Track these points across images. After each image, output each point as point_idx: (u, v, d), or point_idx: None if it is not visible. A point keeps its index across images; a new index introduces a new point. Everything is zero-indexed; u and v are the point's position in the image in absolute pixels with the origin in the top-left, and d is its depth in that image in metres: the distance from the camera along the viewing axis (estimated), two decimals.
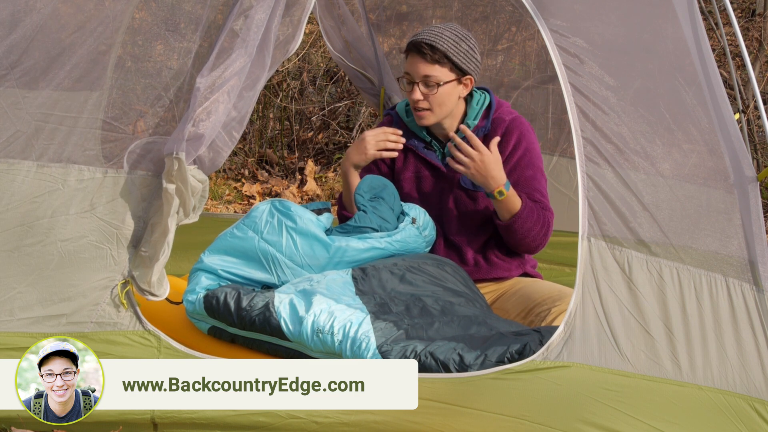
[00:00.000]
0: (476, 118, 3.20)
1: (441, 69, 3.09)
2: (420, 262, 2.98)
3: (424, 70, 3.09)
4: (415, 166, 3.28)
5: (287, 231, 2.89)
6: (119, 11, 2.85)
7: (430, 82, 3.10)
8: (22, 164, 2.71)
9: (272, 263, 2.87)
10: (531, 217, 3.09)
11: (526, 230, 3.10)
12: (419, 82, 3.11)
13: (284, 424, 2.57)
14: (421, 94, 3.11)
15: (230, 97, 2.63)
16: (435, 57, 3.07)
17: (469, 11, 4.52)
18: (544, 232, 3.13)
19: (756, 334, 2.55)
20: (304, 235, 2.90)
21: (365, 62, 4.34)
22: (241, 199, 6.27)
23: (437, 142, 3.26)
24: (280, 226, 2.90)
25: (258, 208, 2.95)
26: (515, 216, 3.08)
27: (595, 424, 2.48)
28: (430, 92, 3.11)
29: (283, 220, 2.90)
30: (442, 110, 3.15)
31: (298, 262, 2.88)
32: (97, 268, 2.66)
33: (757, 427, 2.50)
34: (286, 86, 6.88)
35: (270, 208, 2.93)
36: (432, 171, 3.26)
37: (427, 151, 3.25)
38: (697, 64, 2.76)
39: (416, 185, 3.28)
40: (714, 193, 2.67)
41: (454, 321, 2.72)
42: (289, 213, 2.92)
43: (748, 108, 5.49)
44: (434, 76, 3.09)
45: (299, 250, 2.88)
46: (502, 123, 3.19)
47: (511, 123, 3.18)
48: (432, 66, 3.08)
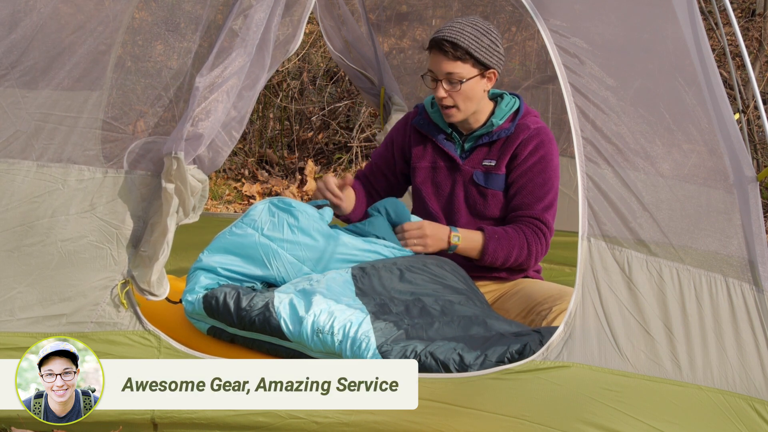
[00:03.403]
0: (502, 119, 3.22)
1: (463, 65, 3.10)
2: (419, 260, 2.99)
3: (446, 67, 3.10)
4: (433, 156, 3.31)
5: (289, 227, 2.90)
6: (119, 11, 2.85)
7: (453, 78, 3.11)
8: (22, 164, 2.71)
9: (273, 258, 2.87)
10: (501, 245, 3.14)
11: (502, 258, 3.16)
12: (442, 79, 3.13)
13: (284, 424, 2.57)
14: (444, 91, 3.13)
15: (230, 97, 2.63)
16: (457, 54, 3.09)
17: (469, 11, 4.52)
18: (527, 252, 3.16)
19: (756, 334, 2.55)
20: (306, 230, 2.91)
21: (365, 62, 4.35)
22: (241, 199, 6.27)
23: (458, 135, 3.28)
24: (281, 222, 2.91)
25: (256, 207, 2.96)
26: (482, 254, 3.15)
27: (595, 424, 2.48)
28: (454, 89, 3.12)
29: (284, 217, 2.91)
30: (468, 106, 3.17)
31: (300, 257, 2.89)
32: (97, 268, 2.66)
33: (757, 427, 2.50)
34: (286, 86, 6.88)
35: (269, 206, 2.94)
36: (448, 162, 3.28)
37: (446, 142, 3.28)
38: (697, 64, 2.76)
39: (431, 175, 3.31)
40: (714, 193, 2.67)
41: (454, 321, 2.72)
42: (290, 209, 2.93)
43: (748, 108, 5.49)
44: (457, 73, 3.10)
45: (301, 244, 2.89)
46: (526, 129, 3.20)
47: (535, 131, 3.20)
48: (454, 63, 3.09)
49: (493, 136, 3.20)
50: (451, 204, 3.27)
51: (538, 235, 3.16)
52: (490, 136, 3.20)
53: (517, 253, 3.15)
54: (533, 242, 3.15)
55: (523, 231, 3.15)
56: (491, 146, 3.22)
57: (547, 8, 2.74)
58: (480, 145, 3.23)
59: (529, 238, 3.15)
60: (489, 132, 3.21)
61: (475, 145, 3.23)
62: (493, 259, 3.15)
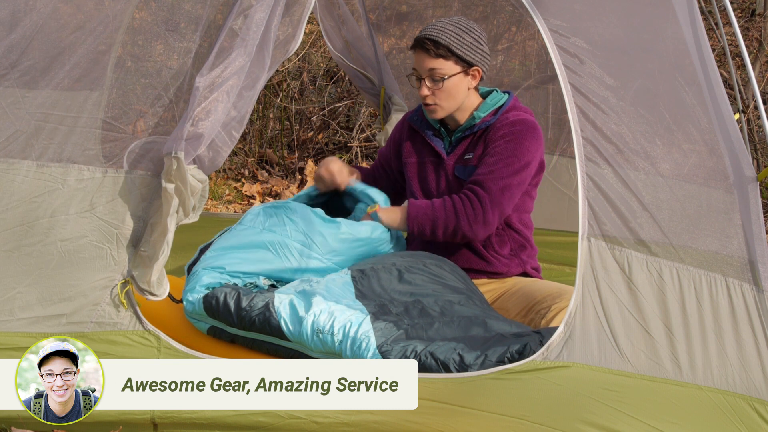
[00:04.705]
0: (485, 113, 3.24)
1: (445, 63, 3.13)
2: (418, 260, 2.99)
3: (428, 64, 3.14)
4: (421, 152, 3.34)
5: (289, 219, 2.97)
6: (119, 11, 2.85)
7: (436, 76, 3.14)
8: (21, 164, 2.71)
9: (280, 247, 2.92)
10: (423, 212, 3.13)
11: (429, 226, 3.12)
12: (425, 77, 3.16)
13: (284, 424, 2.57)
14: (428, 89, 3.17)
15: (230, 97, 2.63)
16: (439, 52, 3.12)
17: (469, 11, 4.52)
18: (454, 216, 3.10)
19: (756, 334, 2.55)
20: (307, 217, 2.99)
21: (365, 62, 4.34)
22: (241, 199, 6.27)
23: (446, 131, 3.31)
24: (280, 216, 2.98)
25: (251, 211, 3.05)
26: (407, 222, 3.15)
27: (595, 424, 2.48)
28: (436, 86, 3.16)
29: (281, 212, 2.99)
30: (451, 103, 3.19)
31: (305, 242, 2.95)
32: (97, 268, 2.65)
33: (757, 427, 2.50)
34: (286, 86, 6.88)
35: (263, 209, 3.03)
36: (434, 158, 3.31)
37: (434, 138, 3.31)
38: (697, 64, 2.76)
39: (418, 171, 3.34)
40: (714, 193, 2.67)
41: (453, 321, 2.72)
42: (285, 205, 3.02)
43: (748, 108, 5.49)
44: (438, 69, 3.13)
45: (303, 232, 2.96)
46: (505, 122, 3.20)
47: (513, 122, 3.19)
48: (436, 60, 3.13)
49: (475, 128, 3.23)
50: (438, 198, 3.28)
51: (468, 198, 3.10)
52: (472, 129, 3.23)
53: (444, 217, 3.10)
54: (460, 206, 3.10)
55: (451, 198, 3.13)
56: (473, 139, 3.24)
57: (547, 8, 2.75)
58: (463, 139, 3.26)
59: (456, 202, 3.11)
60: (471, 125, 3.23)
61: (459, 140, 3.27)
62: (420, 226, 3.12)
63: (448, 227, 3.11)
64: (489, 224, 3.11)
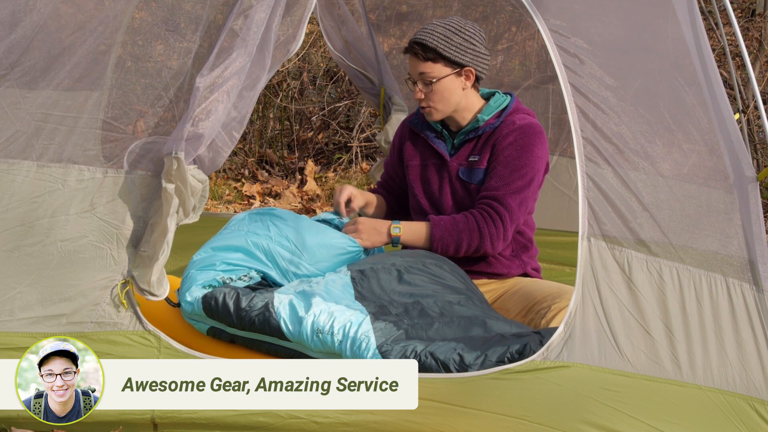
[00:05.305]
0: (489, 115, 3.25)
1: (434, 66, 3.16)
2: (418, 261, 2.99)
3: (419, 68, 3.18)
4: (424, 154, 3.36)
5: (273, 225, 2.98)
6: (119, 11, 2.85)
7: (426, 79, 3.18)
8: (22, 164, 2.71)
9: (265, 253, 2.93)
10: (448, 232, 3.14)
11: (453, 245, 3.14)
12: (418, 80, 3.20)
13: (284, 424, 2.57)
14: (421, 92, 3.20)
15: (230, 97, 2.63)
16: (427, 55, 3.15)
17: (469, 11, 4.53)
18: (478, 236, 3.12)
19: (756, 334, 2.55)
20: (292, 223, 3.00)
21: (365, 62, 4.34)
22: (241, 199, 6.27)
23: (448, 133, 3.32)
24: (264, 222, 3.00)
25: (236, 217, 3.07)
26: (431, 243, 3.15)
27: (595, 424, 2.48)
28: (428, 89, 3.19)
29: (266, 218, 3.00)
30: (445, 105, 3.21)
31: (289, 248, 2.95)
32: (97, 268, 2.66)
33: (757, 427, 2.50)
34: (286, 86, 6.88)
35: (249, 215, 3.05)
36: (437, 160, 3.32)
37: (436, 140, 3.32)
38: (697, 64, 2.76)
39: (421, 173, 3.35)
40: (714, 193, 2.67)
41: (453, 321, 2.72)
42: (270, 211, 3.04)
43: (748, 108, 5.49)
44: (428, 73, 3.17)
45: (288, 238, 2.96)
46: (511, 125, 3.21)
47: (520, 127, 3.20)
48: (425, 64, 3.16)
49: (479, 131, 3.23)
50: (439, 200, 3.30)
51: (491, 215, 3.13)
52: (477, 132, 3.24)
53: (468, 237, 3.13)
54: (483, 225, 3.13)
55: (473, 215, 3.15)
56: (477, 142, 3.24)
57: (547, 8, 2.75)
58: (467, 141, 3.27)
59: (479, 221, 3.13)
60: (476, 128, 3.24)
61: (462, 142, 3.27)
62: (444, 246, 3.15)
63: (471, 246, 3.15)
64: (507, 239, 3.19)
